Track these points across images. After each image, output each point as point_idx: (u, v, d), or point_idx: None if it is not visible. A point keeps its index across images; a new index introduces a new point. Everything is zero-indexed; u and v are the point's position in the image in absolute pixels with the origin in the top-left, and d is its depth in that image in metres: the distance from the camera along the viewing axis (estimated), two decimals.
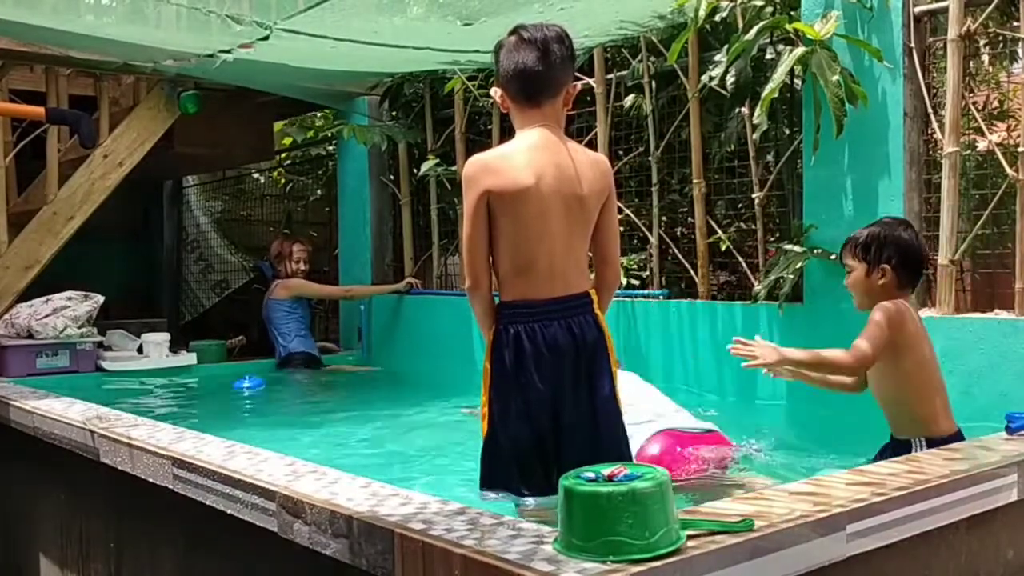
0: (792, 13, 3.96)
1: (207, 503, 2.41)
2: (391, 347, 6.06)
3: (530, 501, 2.45)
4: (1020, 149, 3.38)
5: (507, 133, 5.49)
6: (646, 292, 4.60)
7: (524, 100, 2.54)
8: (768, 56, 4.13)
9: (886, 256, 2.77)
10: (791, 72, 3.84)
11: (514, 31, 2.59)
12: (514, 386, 2.47)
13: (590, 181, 2.51)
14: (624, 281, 4.50)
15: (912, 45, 3.64)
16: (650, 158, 4.65)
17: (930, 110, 3.65)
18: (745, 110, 4.15)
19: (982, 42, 3.87)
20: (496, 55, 2.61)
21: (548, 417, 2.46)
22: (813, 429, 3.80)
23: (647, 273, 4.69)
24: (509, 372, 2.48)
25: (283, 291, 5.91)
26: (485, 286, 2.54)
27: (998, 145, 3.65)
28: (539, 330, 2.46)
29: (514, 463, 2.47)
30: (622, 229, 4.87)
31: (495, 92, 2.63)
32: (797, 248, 3.85)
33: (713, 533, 1.64)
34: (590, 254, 2.64)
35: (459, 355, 5.36)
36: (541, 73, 2.51)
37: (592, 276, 2.65)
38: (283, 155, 9.00)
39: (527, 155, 2.48)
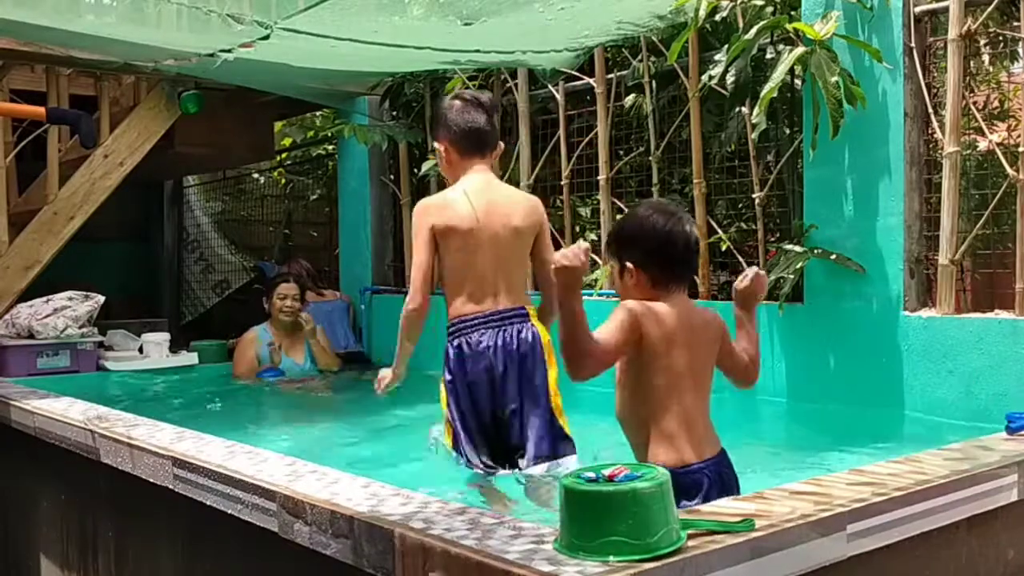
0: (792, 13, 3.96)
1: (207, 503, 2.41)
2: (392, 346, 6.04)
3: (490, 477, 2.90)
4: (1020, 149, 3.38)
5: (507, 133, 5.53)
6: None
7: (475, 152, 3.06)
8: (768, 56, 4.12)
9: (628, 254, 2.33)
10: (791, 72, 3.84)
11: (456, 96, 3.13)
12: (462, 387, 2.99)
13: (523, 215, 3.05)
14: None
15: (912, 45, 3.63)
16: (650, 158, 4.65)
17: (930, 110, 3.65)
18: (745, 110, 4.15)
19: (982, 42, 3.88)
20: (441, 116, 3.11)
21: (489, 403, 2.96)
22: (813, 427, 3.80)
23: None
24: (457, 376, 3.00)
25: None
26: (426, 307, 3.04)
27: (998, 145, 3.65)
28: (477, 337, 2.98)
29: (470, 444, 2.96)
30: None
31: (439, 147, 3.11)
32: (797, 248, 3.85)
33: (713, 533, 1.64)
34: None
35: None
36: (490, 131, 3.09)
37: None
38: (283, 155, 9.00)
39: (469, 197, 2.98)
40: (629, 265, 2.32)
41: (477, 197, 2.98)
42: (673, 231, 2.29)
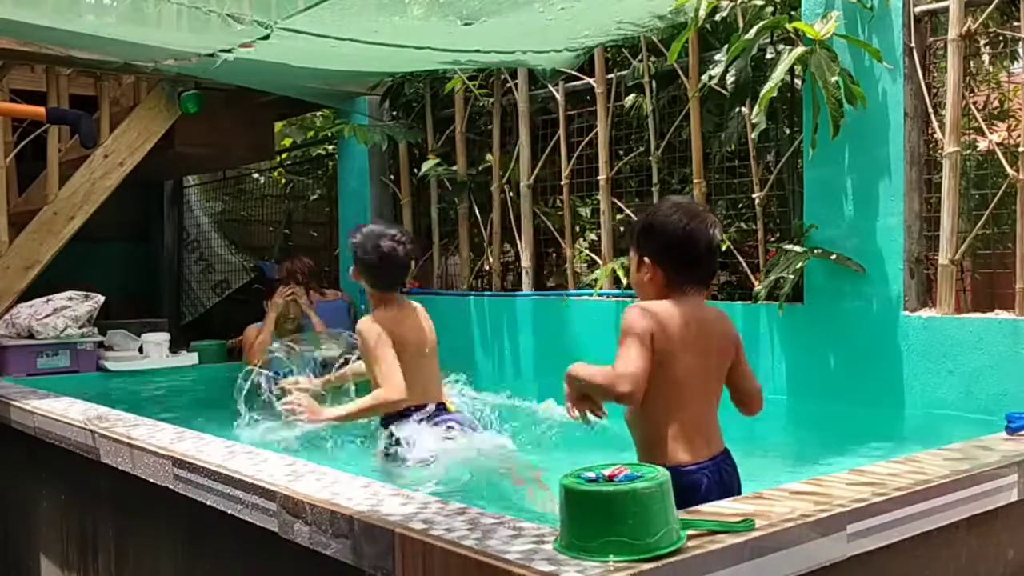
0: (792, 13, 3.96)
1: (207, 503, 2.41)
2: None
3: None
4: (1020, 149, 3.38)
5: (507, 133, 5.53)
6: None
7: (394, 288, 3.48)
8: (768, 56, 4.13)
9: (648, 248, 2.29)
10: (791, 72, 3.84)
11: (380, 235, 3.42)
12: None
13: (431, 329, 3.54)
14: (625, 281, 4.51)
15: (912, 45, 3.63)
16: (650, 158, 4.66)
17: (930, 110, 3.65)
18: (745, 110, 4.15)
19: (982, 42, 3.87)
20: (364, 258, 3.41)
21: None
22: (813, 427, 3.80)
23: None
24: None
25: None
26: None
27: (998, 145, 3.65)
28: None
29: None
30: (623, 229, 4.89)
31: (354, 272, 3.49)
32: (797, 248, 3.85)
33: (714, 533, 1.64)
34: None
35: (458, 352, 5.37)
36: (407, 273, 3.54)
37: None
38: (283, 155, 9.01)
39: (404, 321, 3.43)
40: (646, 260, 2.28)
41: (409, 322, 3.46)
42: (696, 231, 2.24)
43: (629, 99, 4.75)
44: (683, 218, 2.25)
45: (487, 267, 5.69)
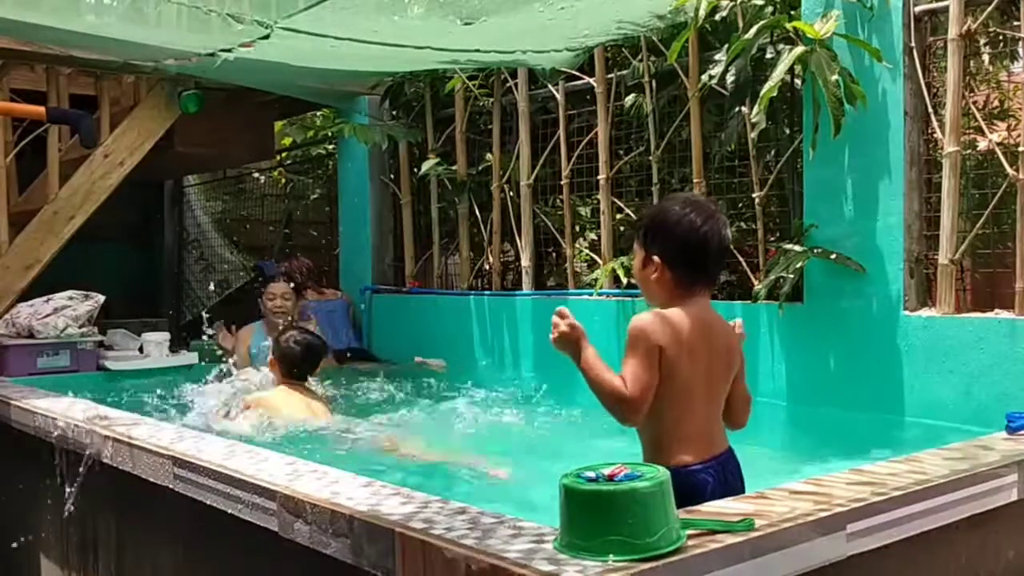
0: (792, 12, 3.96)
1: (207, 503, 2.41)
2: (391, 345, 6.06)
3: None
4: (1020, 149, 3.38)
5: (507, 133, 5.53)
6: None
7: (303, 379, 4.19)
8: (768, 56, 4.12)
9: (658, 247, 2.21)
10: (791, 71, 3.84)
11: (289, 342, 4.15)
12: None
13: None
14: (625, 280, 4.52)
15: (912, 44, 3.63)
16: (650, 157, 4.65)
17: (930, 110, 3.65)
18: (745, 109, 4.15)
19: (982, 41, 3.87)
20: (284, 352, 4.11)
21: None
22: (812, 427, 3.80)
23: None
24: None
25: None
26: None
27: (998, 144, 3.65)
28: None
29: None
30: (623, 229, 4.90)
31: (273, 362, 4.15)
32: (797, 248, 3.85)
33: (713, 532, 1.65)
34: None
35: (457, 352, 5.37)
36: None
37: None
38: (283, 155, 9.00)
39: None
40: (655, 259, 2.21)
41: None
42: (709, 232, 2.17)
43: (629, 99, 4.74)
44: (698, 218, 2.19)
45: (487, 266, 5.69)
